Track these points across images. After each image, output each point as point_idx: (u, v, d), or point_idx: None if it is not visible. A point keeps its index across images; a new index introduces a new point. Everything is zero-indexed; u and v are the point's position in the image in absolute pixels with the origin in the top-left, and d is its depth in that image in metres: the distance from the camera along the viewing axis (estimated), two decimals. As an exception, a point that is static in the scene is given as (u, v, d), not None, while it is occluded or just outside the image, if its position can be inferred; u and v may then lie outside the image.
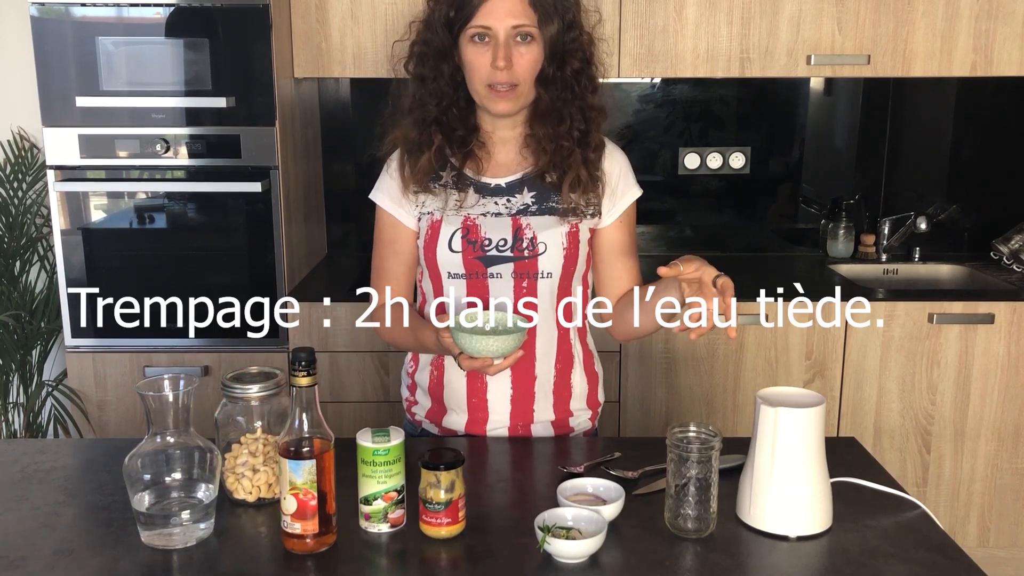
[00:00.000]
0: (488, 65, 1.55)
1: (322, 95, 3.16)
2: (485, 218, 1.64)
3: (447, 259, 1.64)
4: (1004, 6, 2.79)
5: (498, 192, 1.66)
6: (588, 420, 1.79)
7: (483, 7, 1.53)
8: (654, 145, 3.23)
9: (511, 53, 1.54)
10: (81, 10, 2.56)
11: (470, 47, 1.57)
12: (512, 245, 1.63)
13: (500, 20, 1.53)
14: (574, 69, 1.60)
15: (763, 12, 2.80)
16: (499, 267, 1.64)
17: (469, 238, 1.64)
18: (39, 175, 3.01)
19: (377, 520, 1.33)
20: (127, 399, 2.76)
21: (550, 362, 1.70)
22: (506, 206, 1.65)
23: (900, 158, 3.29)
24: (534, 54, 1.56)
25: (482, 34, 1.55)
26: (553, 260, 1.64)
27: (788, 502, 1.32)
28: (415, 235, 1.71)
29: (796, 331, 2.73)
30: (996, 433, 2.81)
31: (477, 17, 1.54)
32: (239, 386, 1.42)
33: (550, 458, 1.61)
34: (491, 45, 1.55)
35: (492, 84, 1.57)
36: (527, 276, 1.64)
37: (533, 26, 1.54)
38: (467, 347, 1.45)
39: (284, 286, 2.74)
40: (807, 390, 1.37)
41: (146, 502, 1.31)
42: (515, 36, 1.54)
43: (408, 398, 1.80)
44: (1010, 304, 2.73)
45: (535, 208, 1.65)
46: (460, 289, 1.66)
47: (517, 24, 1.53)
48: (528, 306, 1.64)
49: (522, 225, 1.64)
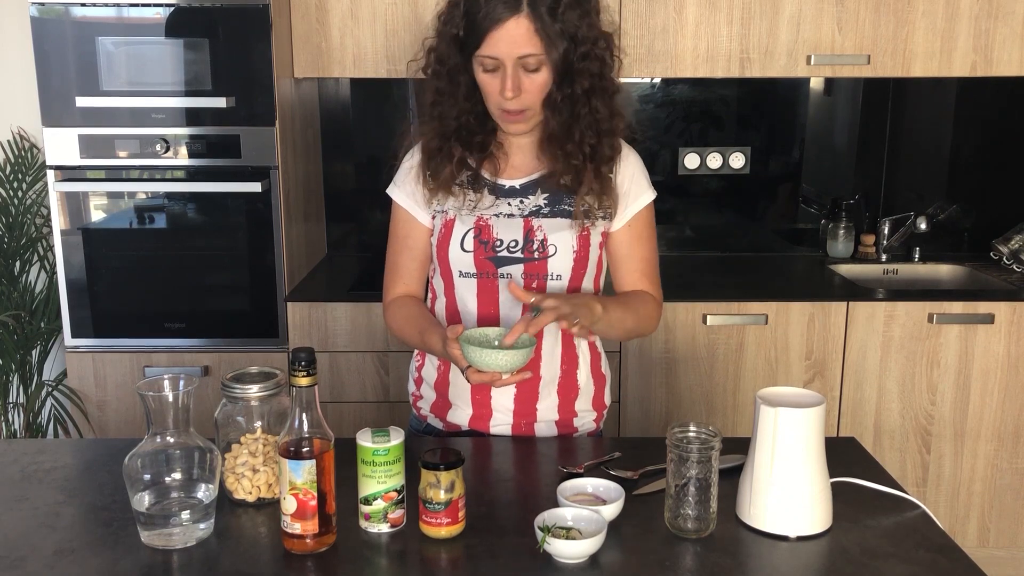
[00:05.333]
0: (498, 92, 1.55)
1: (322, 95, 3.16)
2: (498, 219, 1.65)
3: (459, 258, 1.65)
4: (1004, 6, 2.79)
5: (512, 194, 1.67)
6: (593, 422, 1.79)
7: (489, 37, 1.51)
8: (654, 145, 3.23)
9: (519, 82, 1.54)
10: (81, 10, 2.56)
11: (480, 72, 1.57)
12: (523, 246, 1.64)
13: (506, 50, 1.52)
14: (584, 89, 1.58)
15: (763, 12, 2.80)
16: (509, 268, 1.64)
17: (481, 238, 1.65)
18: (39, 175, 3.01)
19: (377, 520, 1.33)
20: (127, 399, 2.76)
21: (555, 361, 1.71)
22: (519, 207, 1.66)
23: (900, 158, 3.29)
24: (543, 78, 1.56)
25: (490, 62, 1.54)
26: (563, 263, 1.65)
27: (788, 502, 1.32)
28: (430, 232, 1.72)
29: (796, 331, 2.73)
30: (996, 433, 2.81)
31: (484, 47, 1.52)
32: (239, 386, 1.42)
33: (550, 458, 1.61)
34: (499, 73, 1.54)
35: (503, 108, 1.58)
36: (537, 277, 1.65)
37: (540, 53, 1.52)
38: (476, 360, 1.45)
39: (284, 286, 2.74)
40: (807, 390, 1.37)
41: (146, 502, 1.31)
42: (522, 65, 1.53)
43: (414, 392, 1.81)
44: (1010, 304, 2.73)
45: (547, 210, 1.66)
46: (470, 288, 1.66)
47: (523, 54, 1.52)
48: None
49: (533, 227, 1.65)
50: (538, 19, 1.50)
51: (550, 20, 1.51)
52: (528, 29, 1.50)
